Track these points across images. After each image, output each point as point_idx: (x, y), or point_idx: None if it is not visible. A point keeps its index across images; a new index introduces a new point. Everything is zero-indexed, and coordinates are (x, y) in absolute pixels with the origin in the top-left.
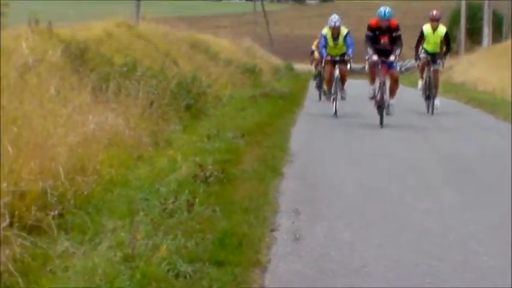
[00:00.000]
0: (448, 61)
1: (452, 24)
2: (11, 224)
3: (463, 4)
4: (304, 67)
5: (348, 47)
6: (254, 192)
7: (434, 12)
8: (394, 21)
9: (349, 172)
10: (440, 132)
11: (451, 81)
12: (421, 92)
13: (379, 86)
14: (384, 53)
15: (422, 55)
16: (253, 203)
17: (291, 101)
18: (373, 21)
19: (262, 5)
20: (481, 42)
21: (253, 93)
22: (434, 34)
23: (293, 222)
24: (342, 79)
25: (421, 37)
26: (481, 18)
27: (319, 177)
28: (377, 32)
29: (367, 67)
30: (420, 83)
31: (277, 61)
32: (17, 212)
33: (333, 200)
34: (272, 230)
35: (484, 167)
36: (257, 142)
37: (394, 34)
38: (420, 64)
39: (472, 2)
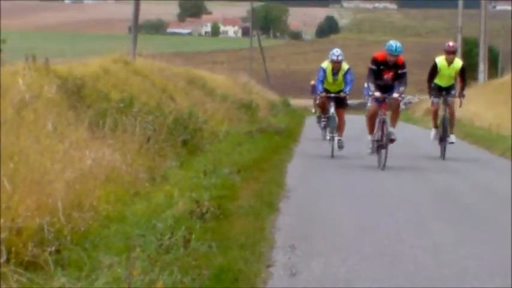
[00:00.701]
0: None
1: None
2: (7, 260)
3: (459, 40)
4: (301, 103)
5: (346, 84)
6: (250, 228)
7: (451, 43)
8: (401, 58)
9: (344, 208)
10: (437, 167)
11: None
12: (434, 140)
13: (379, 126)
14: (385, 89)
15: (434, 99)
16: (249, 238)
17: (288, 137)
18: (379, 54)
19: (259, 41)
20: (477, 78)
21: (249, 129)
22: (449, 67)
23: (289, 258)
24: (340, 124)
25: (434, 71)
26: (477, 54)
27: (315, 213)
28: (382, 67)
29: (368, 105)
30: (433, 132)
31: (273, 96)
32: (13, 248)
33: (328, 236)
34: (268, 266)
35: (480, 202)
36: (253, 178)
37: (399, 71)
38: (432, 109)
39: (468, 38)
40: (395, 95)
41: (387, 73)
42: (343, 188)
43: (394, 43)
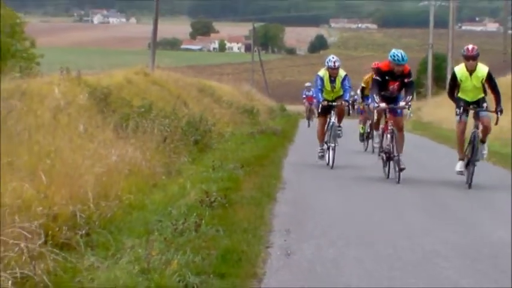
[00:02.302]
0: (416, 103)
1: (421, 72)
2: (45, 242)
3: (430, 55)
4: (294, 108)
5: (345, 91)
6: (252, 214)
7: (470, 46)
8: (407, 67)
9: (333, 199)
10: (411, 164)
11: (421, 120)
12: (461, 172)
13: (391, 138)
14: (390, 100)
15: (460, 116)
16: (251, 224)
17: (284, 137)
18: (383, 64)
19: (259, 56)
20: (445, 87)
21: (251, 131)
22: (472, 77)
23: (285, 240)
24: (339, 117)
25: (454, 83)
26: (446, 67)
27: (307, 202)
28: (386, 77)
29: (374, 116)
30: (459, 165)
31: (272, 103)
32: (50, 232)
33: (319, 222)
34: (267, 247)
35: (447, 193)
36: (254, 172)
37: (406, 80)
38: (458, 130)
39: (438, 53)
40: (402, 103)
41: (393, 83)
42: (333, 181)
43: (398, 52)
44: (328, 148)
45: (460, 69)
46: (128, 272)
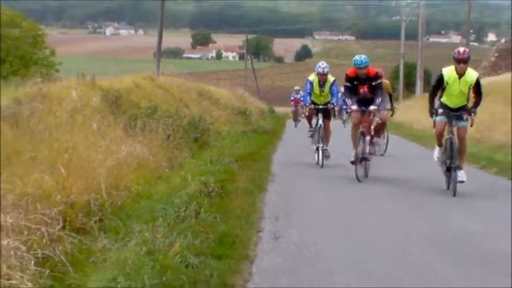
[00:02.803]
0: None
1: (394, 78)
2: (63, 227)
3: (402, 63)
4: (282, 110)
5: (333, 96)
6: (245, 203)
7: (461, 49)
8: (373, 69)
9: (317, 190)
10: (386, 159)
11: (393, 121)
12: (438, 162)
13: (362, 139)
14: (364, 102)
15: (439, 118)
16: (244, 211)
17: (273, 135)
18: (350, 71)
19: (252, 63)
20: (415, 91)
21: (244, 129)
22: (460, 81)
23: (274, 226)
24: (326, 135)
25: (439, 84)
26: (415, 75)
27: (294, 192)
28: (355, 82)
29: (349, 120)
30: (437, 151)
31: (262, 105)
32: (67, 218)
33: (304, 210)
34: (258, 232)
35: (418, 186)
36: (247, 166)
37: (373, 83)
38: (436, 130)
39: (408, 62)
40: (372, 107)
41: (362, 87)
42: (317, 175)
43: (358, 57)
44: (317, 149)
45: (449, 71)
46: (136, 253)
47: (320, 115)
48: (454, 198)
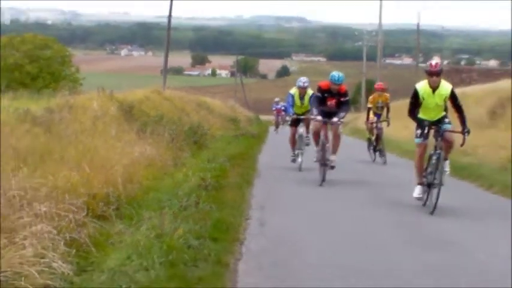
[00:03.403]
0: (354, 114)
1: (357, 93)
2: (87, 214)
3: (363, 81)
4: (266, 118)
5: (312, 106)
6: (236, 195)
7: (433, 61)
8: (344, 87)
9: (296, 184)
10: (349, 161)
11: (356, 127)
12: (420, 197)
13: (321, 147)
14: (328, 114)
15: (418, 139)
16: (235, 202)
17: (258, 139)
18: (323, 84)
19: (241, 80)
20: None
21: (235, 134)
22: (434, 95)
23: (260, 214)
24: (307, 127)
25: (415, 100)
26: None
27: (276, 186)
28: (326, 94)
29: (311, 127)
30: (418, 191)
31: (250, 114)
32: (90, 207)
33: (285, 200)
34: (247, 219)
35: (385, 184)
36: (238, 164)
37: (342, 99)
38: (417, 152)
39: (369, 79)
40: (335, 119)
41: (330, 100)
42: (294, 172)
43: (336, 73)
44: (298, 154)
45: (423, 86)
46: (147, 236)
47: (302, 124)
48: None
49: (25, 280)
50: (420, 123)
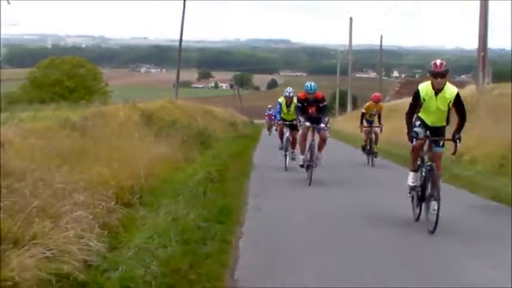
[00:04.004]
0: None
1: (332, 101)
2: (116, 202)
3: (337, 91)
4: (259, 122)
5: (297, 115)
6: (236, 186)
7: (438, 61)
8: (319, 94)
9: (286, 176)
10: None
11: (333, 128)
12: (410, 194)
13: (309, 148)
14: (313, 120)
15: (418, 129)
16: (236, 191)
17: (253, 139)
18: (302, 94)
19: (238, 91)
20: (347, 110)
21: (234, 135)
22: (437, 98)
23: (256, 201)
24: (293, 142)
25: (416, 102)
26: (346, 99)
27: (269, 177)
28: (305, 103)
29: (299, 132)
30: (411, 177)
31: (245, 119)
32: (119, 196)
33: (276, 189)
34: (246, 205)
35: (355, 174)
36: (237, 160)
37: (320, 104)
38: (413, 149)
39: (342, 90)
40: (322, 125)
41: (310, 108)
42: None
43: (309, 84)
44: (285, 155)
45: (425, 87)
46: (165, 220)
47: (287, 129)
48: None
49: (68, 256)
50: (411, 127)
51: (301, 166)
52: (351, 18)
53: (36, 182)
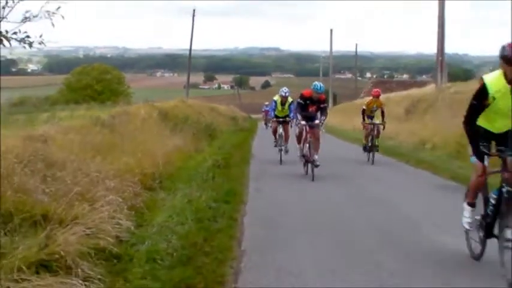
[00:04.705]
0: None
1: None
2: (141, 187)
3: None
4: (256, 116)
5: (290, 111)
6: (239, 171)
7: None
8: (323, 95)
9: (280, 163)
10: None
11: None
12: (470, 229)
13: (308, 146)
14: (309, 118)
15: (478, 157)
16: (239, 176)
17: (251, 131)
18: (306, 92)
19: (238, 91)
20: (329, 105)
21: (235, 129)
22: None
23: (256, 184)
24: (285, 137)
25: (480, 104)
26: (329, 96)
27: (266, 164)
28: (307, 102)
29: (296, 130)
30: (467, 212)
31: (244, 114)
32: (143, 182)
33: (273, 174)
34: (247, 187)
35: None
36: (239, 149)
37: (322, 105)
38: (473, 179)
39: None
40: (316, 121)
41: (311, 107)
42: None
43: (318, 84)
44: (281, 150)
45: (495, 80)
46: (181, 201)
47: (281, 125)
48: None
49: (104, 233)
50: (474, 141)
51: (302, 156)
52: (331, 30)
53: (75, 171)
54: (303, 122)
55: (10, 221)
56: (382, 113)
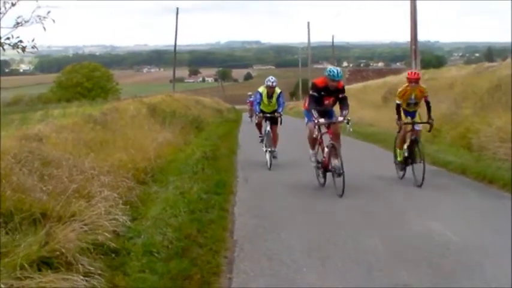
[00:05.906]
0: (295, 102)
1: (296, 89)
2: (134, 182)
3: (300, 81)
4: (240, 107)
5: (279, 105)
6: (227, 162)
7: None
8: (342, 83)
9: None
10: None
11: (299, 110)
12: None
13: (327, 151)
14: (326, 114)
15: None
16: (227, 167)
17: (236, 122)
18: (319, 81)
19: (221, 83)
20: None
21: (221, 120)
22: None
23: (244, 174)
24: (274, 138)
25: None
26: (308, 85)
27: (253, 154)
28: (322, 93)
29: (307, 132)
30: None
31: (228, 106)
32: (136, 176)
33: (260, 163)
34: (236, 178)
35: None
36: (225, 140)
37: (341, 95)
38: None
39: (303, 79)
40: (340, 118)
41: (328, 99)
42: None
43: (335, 69)
44: (266, 151)
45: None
46: (173, 193)
47: (268, 122)
48: None
49: (101, 228)
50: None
51: (318, 163)
52: (308, 22)
53: (71, 169)
54: (322, 120)
55: (11, 220)
56: (428, 105)
